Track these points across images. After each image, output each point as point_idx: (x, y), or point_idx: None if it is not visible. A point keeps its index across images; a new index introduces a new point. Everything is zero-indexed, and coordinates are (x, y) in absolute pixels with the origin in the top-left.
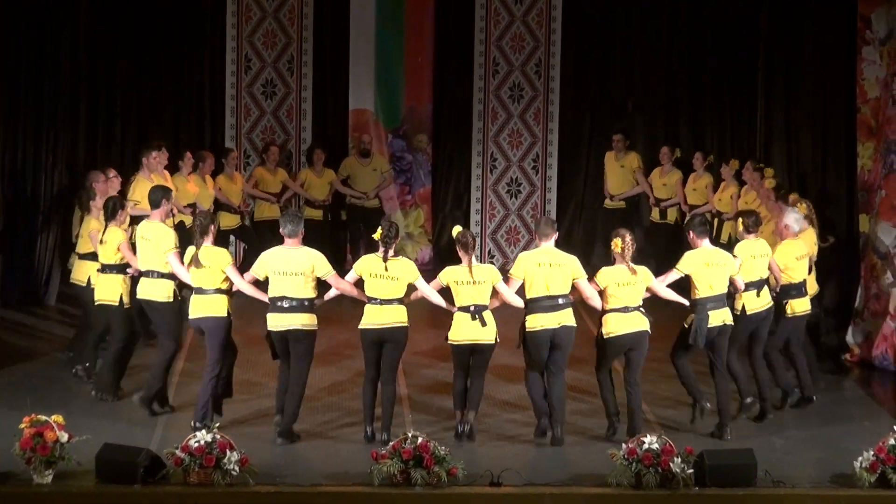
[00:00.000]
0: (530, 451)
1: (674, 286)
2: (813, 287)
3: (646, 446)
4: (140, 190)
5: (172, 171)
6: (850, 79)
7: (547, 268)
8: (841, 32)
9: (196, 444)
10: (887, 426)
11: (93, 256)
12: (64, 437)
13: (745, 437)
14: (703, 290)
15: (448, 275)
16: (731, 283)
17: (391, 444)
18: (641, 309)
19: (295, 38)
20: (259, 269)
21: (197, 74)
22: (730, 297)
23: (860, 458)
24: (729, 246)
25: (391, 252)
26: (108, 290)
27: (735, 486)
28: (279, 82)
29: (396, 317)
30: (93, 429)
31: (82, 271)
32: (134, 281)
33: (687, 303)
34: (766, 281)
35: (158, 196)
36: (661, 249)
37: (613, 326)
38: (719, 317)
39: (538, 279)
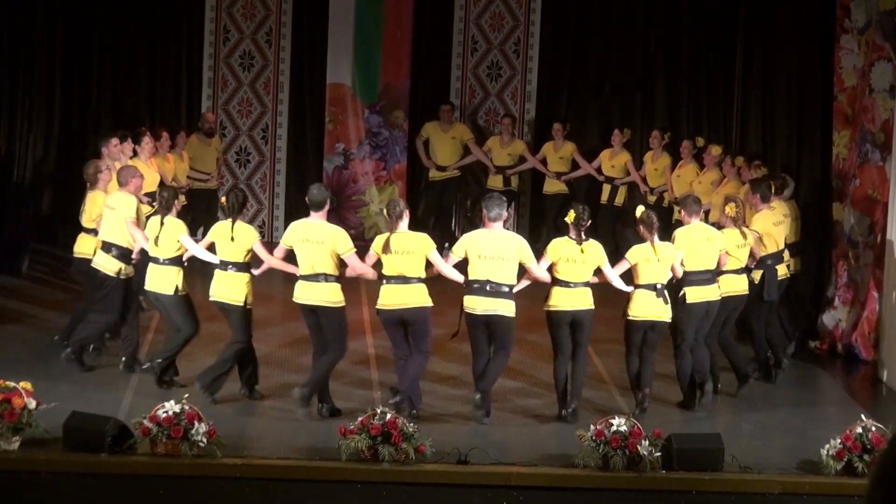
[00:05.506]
0: (499, 430)
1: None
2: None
3: (614, 428)
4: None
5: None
6: (827, 66)
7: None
8: (819, 20)
9: (164, 415)
10: (854, 414)
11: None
12: (32, 403)
13: (713, 422)
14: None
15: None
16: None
17: (360, 419)
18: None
19: (274, 11)
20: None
21: (174, 44)
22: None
23: (827, 446)
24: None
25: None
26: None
27: (702, 471)
28: (257, 54)
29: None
30: (61, 396)
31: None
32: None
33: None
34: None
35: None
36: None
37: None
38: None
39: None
